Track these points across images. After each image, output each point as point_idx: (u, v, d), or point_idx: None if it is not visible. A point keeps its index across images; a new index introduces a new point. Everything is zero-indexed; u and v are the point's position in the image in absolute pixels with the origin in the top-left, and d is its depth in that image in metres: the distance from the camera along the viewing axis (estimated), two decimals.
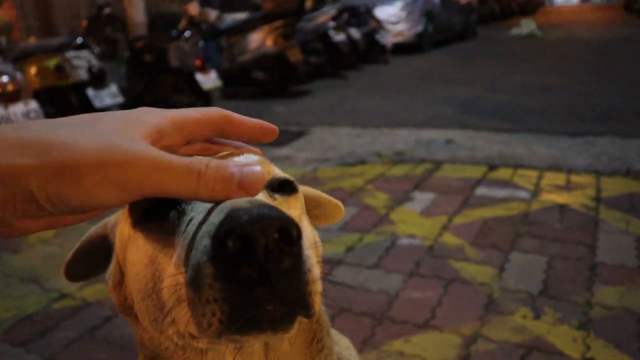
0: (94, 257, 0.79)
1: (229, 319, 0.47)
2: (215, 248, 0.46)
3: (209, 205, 0.52)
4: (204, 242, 0.47)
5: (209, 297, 0.46)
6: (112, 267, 0.75)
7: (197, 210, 0.55)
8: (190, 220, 0.54)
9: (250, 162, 0.60)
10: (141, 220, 0.62)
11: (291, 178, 0.72)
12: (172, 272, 0.53)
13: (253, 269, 0.45)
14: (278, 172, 0.71)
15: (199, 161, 0.48)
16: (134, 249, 0.63)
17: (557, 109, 6.72)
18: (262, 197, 0.62)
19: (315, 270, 0.51)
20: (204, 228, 0.48)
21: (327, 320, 0.78)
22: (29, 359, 2.39)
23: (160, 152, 0.47)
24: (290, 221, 0.47)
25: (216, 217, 0.47)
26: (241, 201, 0.49)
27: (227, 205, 0.48)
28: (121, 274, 0.71)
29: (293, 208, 0.67)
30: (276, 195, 0.66)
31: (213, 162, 0.49)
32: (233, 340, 0.50)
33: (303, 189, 0.82)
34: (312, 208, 0.83)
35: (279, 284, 0.47)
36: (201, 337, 0.51)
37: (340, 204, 0.86)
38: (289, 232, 0.47)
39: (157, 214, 0.60)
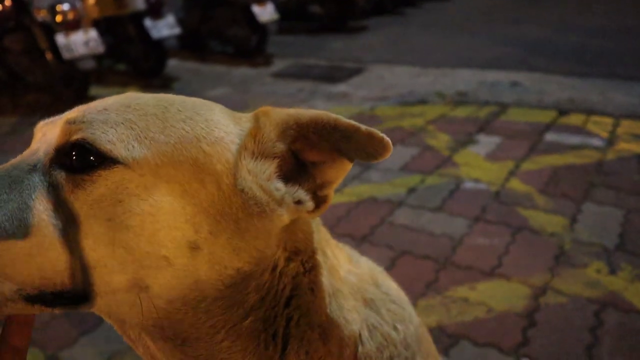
0: None
1: None
2: None
3: None
4: None
5: None
6: None
7: None
8: None
9: None
10: None
11: (94, 141, 0.57)
12: None
13: None
14: (83, 132, 0.58)
15: None
16: None
17: (636, 52, 6.23)
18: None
19: None
20: None
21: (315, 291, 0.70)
22: None
23: None
24: None
25: None
26: None
27: None
28: None
29: (81, 196, 0.57)
30: (58, 172, 0.58)
31: None
32: None
33: (305, 114, 0.63)
34: (339, 140, 0.62)
35: None
36: None
37: (378, 134, 0.61)
38: None
39: None
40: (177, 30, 6.28)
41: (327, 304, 0.71)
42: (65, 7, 5.29)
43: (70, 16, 5.31)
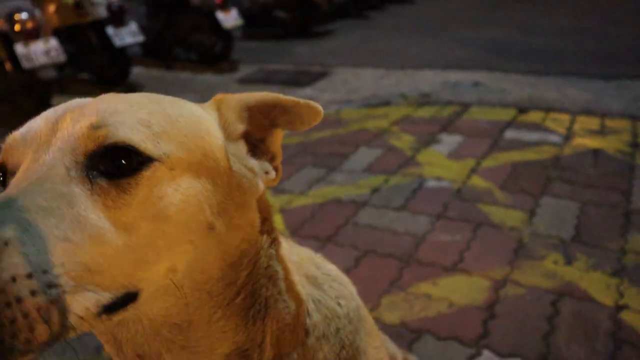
0: None
1: None
2: None
3: None
4: None
5: None
6: None
7: None
8: None
9: None
10: None
11: (133, 143, 0.58)
12: None
13: None
14: (115, 135, 0.58)
15: None
16: None
17: (592, 51, 6.43)
18: (60, 186, 0.55)
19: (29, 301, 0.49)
20: None
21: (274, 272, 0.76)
22: None
23: None
24: None
25: None
26: None
27: None
28: None
29: (127, 205, 0.56)
30: (99, 179, 0.57)
31: None
32: None
33: (252, 97, 0.72)
34: (277, 115, 0.73)
35: None
36: None
37: (314, 105, 0.72)
38: None
39: None
40: (140, 38, 6.23)
41: (288, 274, 0.78)
42: (24, 15, 5.20)
43: (29, 25, 5.22)
